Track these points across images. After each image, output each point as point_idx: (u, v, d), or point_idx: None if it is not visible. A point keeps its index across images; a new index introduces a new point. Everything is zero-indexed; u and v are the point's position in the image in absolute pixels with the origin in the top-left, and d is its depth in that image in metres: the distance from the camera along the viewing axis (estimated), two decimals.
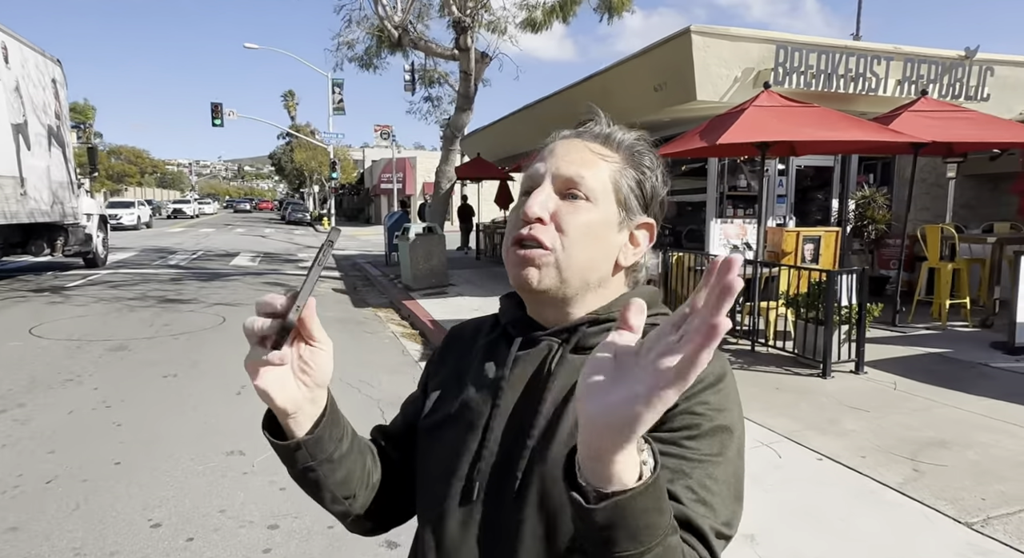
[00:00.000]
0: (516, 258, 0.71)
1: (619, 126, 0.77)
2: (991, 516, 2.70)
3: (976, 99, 8.15)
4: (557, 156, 0.73)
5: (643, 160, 0.75)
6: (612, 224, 0.72)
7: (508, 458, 0.70)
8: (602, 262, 0.73)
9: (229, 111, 28.01)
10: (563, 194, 0.71)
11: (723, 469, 0.64)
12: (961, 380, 4.65)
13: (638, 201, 0.74)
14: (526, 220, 0.70)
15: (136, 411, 4.21)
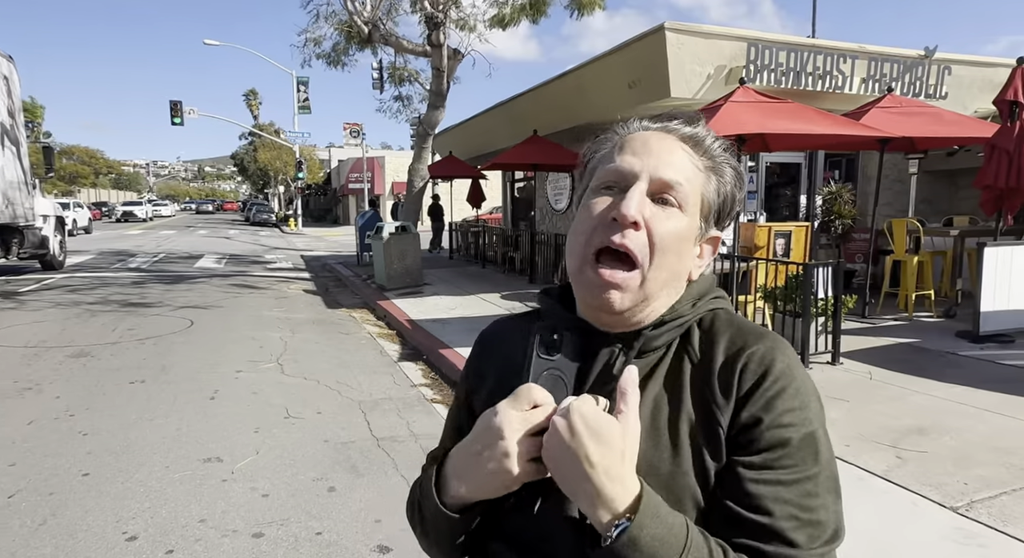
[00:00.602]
0: (598, 278, 0.64)
1: (706, 128, 0.71)
2: (974, 500, 2.76)
3: (935, 97, 8.44)
4: (654, 154, 0.66)
5: (726, 170, 0.70)
6: (693, 236, 0.68)
7: None
8: (680, 276, 0.69)
9: (189, 109, 27.19)
10: (655, 198, 0.65)
11: (822, 478, 0.64)
12: (931, 369, 4.78)
13: (717, 212, 0.70)
14: (623, 223, 0.63)
15: (103, 419, 4.01)
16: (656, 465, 0.63)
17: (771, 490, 0.61)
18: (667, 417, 0.65)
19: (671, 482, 0.62)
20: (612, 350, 0.68)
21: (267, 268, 13.65)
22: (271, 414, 4.16)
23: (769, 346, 0.65)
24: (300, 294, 9.74)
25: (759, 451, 0.61)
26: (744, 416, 0.62)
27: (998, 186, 5.40)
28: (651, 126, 0.70)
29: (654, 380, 0.67)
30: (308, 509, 2.89)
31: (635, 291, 0.65)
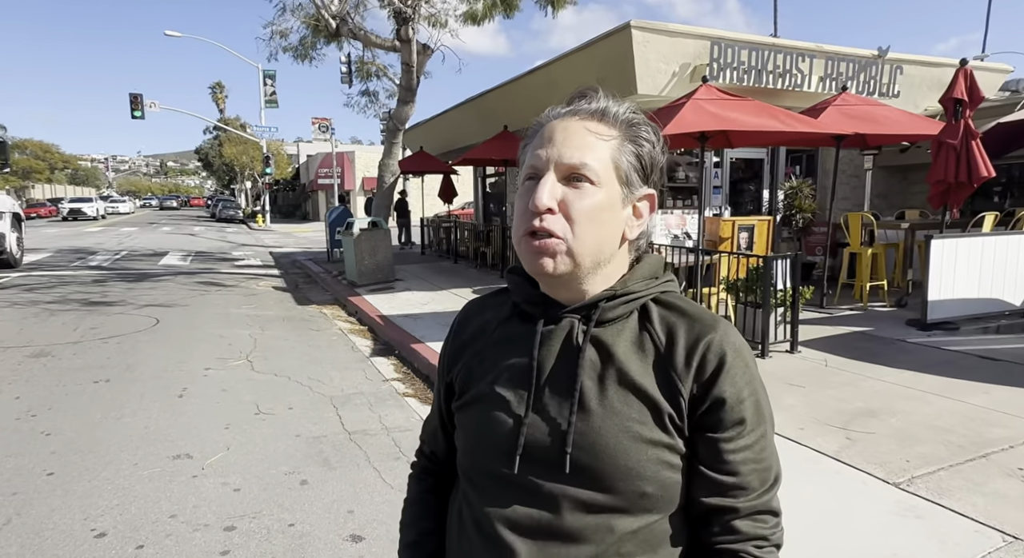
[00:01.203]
0: (531, 248, 0.72)
1: (613, 98, 0.77)
2: (915, 476, 2.95)
3: (888, 95, 8.77)
4: (557, 143, 0.72)
5: (640, 132, 0.76)
6: (616, 202, 0.74)
7: (553, 432, 0.73)
8: (611, 239, 0.75)
9: (150, 103, 26.42)
10: (567, 180, 0.72)
11: (768, 434, 0.75)
12: (882, 355, 5.02)
13: (638, 174, 0.76)
14: (536, 211, 0.71)
15: (67, 419, 3.95)
16: (629, 418, 0.71)
17: (739, 456, 0.72)
18: (635, 378, 0.73)
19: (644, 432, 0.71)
20: (573, 321, 0.76)
21: (235, 265, 13.42)
22: (241, 411, 4.16)
23: (722, 334, 0.74)
24: (269, 291, 9.63)
25: (727, 427, 0.72)
26: (710, 397, 0.72)
27: (947, 181, 5.67)
28: (562, 112, 0.76)
29: (621, 346, 0.75)
30: (280, 502, 2.92)
31: (565, 256, 0.72)
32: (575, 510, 0.71)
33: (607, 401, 0.72)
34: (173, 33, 28.30)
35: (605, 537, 0.71)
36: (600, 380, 0.73)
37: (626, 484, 0.70)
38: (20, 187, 49.94)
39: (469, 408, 0.80)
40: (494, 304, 0.86)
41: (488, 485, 0.76)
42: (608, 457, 0.70)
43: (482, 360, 0.80)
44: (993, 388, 4.13)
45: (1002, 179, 9.82)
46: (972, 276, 5.90)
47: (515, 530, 0.73)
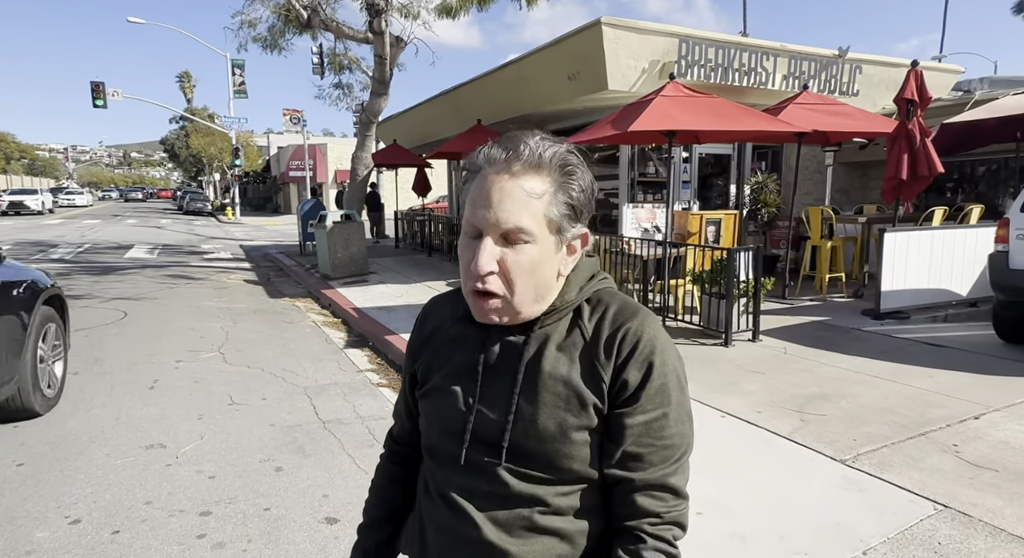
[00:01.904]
0: (477, 304, 0.83)
1: (544, 140, 0.82)
2: (860, 453, 3.15)
3: (848, 94, 9.08)
4: (494, 205, 0.78)
5: (572, 179, 0.81)
6: (550, 251, 0.81)
7: (496, 421, 0.83)
8: (547, 281, 0.83)
9: (113, 91, 25.64)
10: (504, 239, 0.79)
11: (672, 414, 0.83)
12: (838, 343, 5.27)
13: (570, 220, 0.82)
14: (479, 275, 0.79)
15: None
16: (557, 406, 0.82)
17: (637, 429, 0.81)
18: (562, 370, 0.83)
19: (571, 418, 0.82)
20: (515, 338, 0.86)
21: (204, 258, 13.22)
22: (214, 401, 4.18)
23: (640, 321, 0.83)
24: (240, 284, 9.55)
25: (630, 404, 0.81)
26: (622, 378, 0.81)
27: (899, 177, 5.95)
28: (497, 159, 0.80)
29: (552, 343, 0.85)
30: (256, 488, 2.98)
31: (507, 307, 0.82)
32: (516, 483, 0.82)
33: (540, 395, 0.82)
34: (137, 20, 27.50)
35: (543, 503, 0.82)
36: (535, 376, 0.83)
37: (557, 462, 0.81)
38: None
39: (429, 397, 0.91)
40: (451, 303, 0.96)
41: (446, 462, 0.87)
42: (541, 442, 0.81)
43: (439, 355, 0.91)
44: (937, 372, 4.39)
45: (954, 175, 10.27)
46: (923, 268, 6.20)
47: (470, 499, 0.84)
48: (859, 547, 2.35)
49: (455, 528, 0.85)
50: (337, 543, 2.51)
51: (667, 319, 6.11)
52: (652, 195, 9.33)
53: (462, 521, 0.84)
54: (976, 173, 10.41)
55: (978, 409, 3.69)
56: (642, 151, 9.33)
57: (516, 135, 0.82)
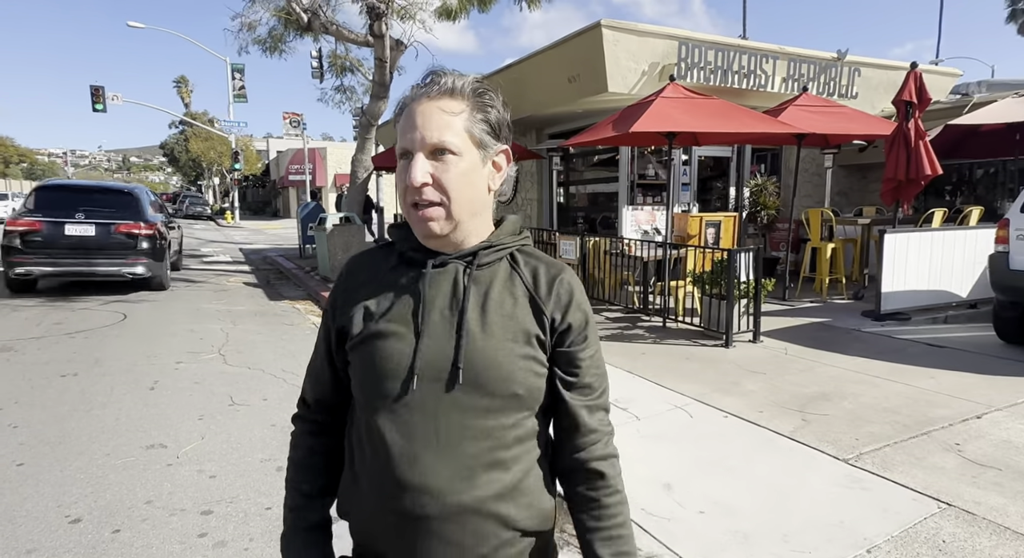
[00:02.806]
0: (417, 217, 0.89)
1: (457, 74, 0.91)
2: (863, 452, 3.14)
3: (847, 96, 9.11)
4: (419, 126, 0.86)
5: (485, 100, 0.90)
6: (477, 164, 0.89)
7: (444, 353, 0.87)
8: (479, 194, 0.91)
9: (113, 95, 25.65)
10: (433, 154, 0.87)
11: (600, 346, 0.99)
12: (838, 343, 5.27)
13: (491, 136, 0.91)
14: (413, 187, 0.86)
15: (34, 412, 3.91)
16: (507, 338, 0.90)
17: (586, 362, 0.94)
18: (508, 308, 0.91)
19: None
20: (458, 266, 0.93)
21: (204, 262, 13.21)
22: (215, 402, 4.17)
23: (570, 275, 0.97)
24: (240, 287, 9.54)
25: (578, 342, 0.94)
26: (567, 321, 0.93)
27: (897, 178, 5.96)
28: (419, 93, 0.89)
29: (497, 284, 0.93)
30: (257, 487, 2.97)
31: (444, 218, 0.88)
32: (464, 416, 0.86)
33: (487, 327, 0.89)
34: (136, 24, 27.54)
35: (490, 434, 0.88)
36: (481, 310, 0.90)
37: (503, 388, 0.87)
38: None
39: (366, 344, 0.90)
40: (380, 256, 0.99)
41: (387, 407, 0.88)
42: (490, 368, 0.87)
43: (377, 302, 0.92)
44: (938, 373, 4.39)
45: (953, 178, 10.29)
46: (923, 269, 6.21)
47: (415, 441, 0.86)
48: (863, 545, 2.34)
49: (401, 477, 0.86)
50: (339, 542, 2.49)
51: (668, 321, 6.11)
52: (652, 197, 9.34)
53: (408, 467, 0.86)
54: (975, 176, 10.44)
55: (980, 409, 3.68)
56: (641, 153, 9.35)
57: (436, 69, 0.93)
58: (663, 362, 4.86)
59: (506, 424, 0.89)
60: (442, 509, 0.85)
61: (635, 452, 3.24)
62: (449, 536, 0.86)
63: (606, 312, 6.81)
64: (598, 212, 10.51)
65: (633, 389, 4.25)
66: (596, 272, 7.16)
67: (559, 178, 10.92)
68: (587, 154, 10.68)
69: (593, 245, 7.14)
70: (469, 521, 0.86)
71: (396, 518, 0.87)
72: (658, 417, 3.74)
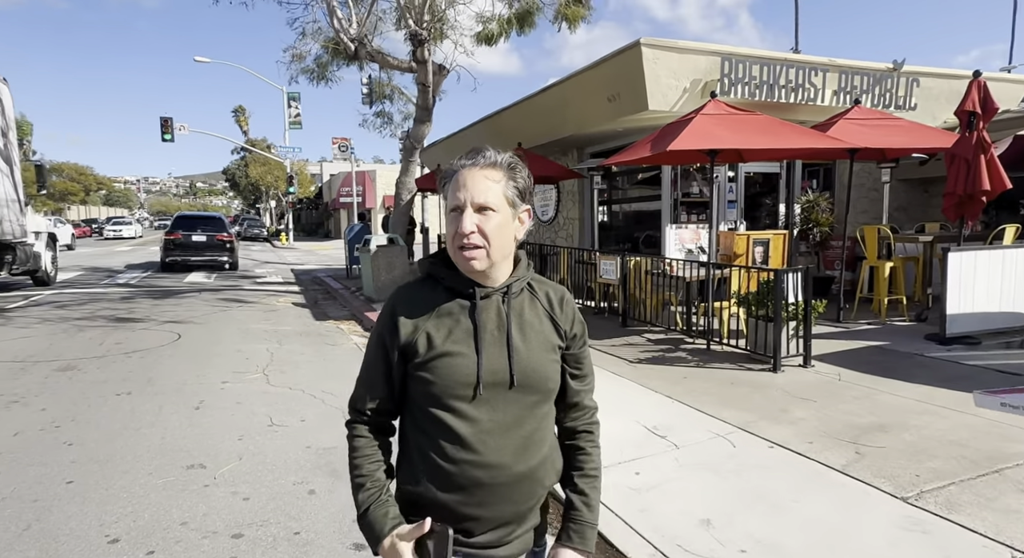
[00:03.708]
0: (463, 257, 1.15)
1: (497, 152, 1.18)
2: (924, 490, 2.89)
3: (905, 108, 8.69)
4: (469, 188, 1.13)
5: (516, 173, 1.18)
6: (509, 219, 1.17)
7: (499, 366, 1.15)
8: (509, 241, 1.19)
9: (180, 125, 27.32)
10: (479, 210, 1.13)
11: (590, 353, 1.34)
12: (899, 369, 4.94)
13: (519, 198, 1.19)
14: (463, 234, 1.12)
15: (88, 430, 4.08)
16: (542, 349, 1.20)
17: (586, 360, 1.30)
18: (538, 326, 1.22)
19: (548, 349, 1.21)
20: (498, 297, 1.21)
21: (256, 282, 13.71)
22: (255, 422, 4.25)
23: (569, 295, 1.30)
24: (289, 307, 9.82)
25: (580, 346, 1.28)
26: (573, 330, 1.26)
27: (957, 193, 5.60)
28: (467, 163, 1.16)
29: (526, 309, 1.22)
30: (288, 511, 2.98)
31: (485, 257, 1.14)
32: (518, 407, 1.16)
33: (528, 343, 1.19)
34: (203, 59, 29.32)
35: (535, 417, 1.19)
36: (520, 329, 1.19)
37: (544, 384, 1.19)
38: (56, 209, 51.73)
39: (436, 361, 1.14)
40: (427, 289, 1.22)
41: (456, 407, 1.13)
42: (535, 371, 1.18)
43: (438, 328, 1.17)
44: None
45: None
46: (993, 289, 5.78)
47: (482, 430, 1.13)
48: None
49: (476, 456, 1.12)
50: None
51: (712, 343, 5.89)
52: (696, 215, 9.12)
53: (481, 448, 1.12)
54: None
55: None
56: (686, 171, 9.17)
57: (478, 147, 1.19)
58: (705, 387, 4.66)
59: (542, 412, 1.21)
60: (508, 478, 1.15)
61: (672, 483, 3.09)
62: (510, 496, 1.16)
63: (647, 334, 6.63)
64: (641, 231, 10.34)
65: (672, 415, 4.09)
66: (637, 292, 7.00)
67: (600, 197, 10.82)
68: (630, 172, 10.56)
69: (634, 265, 7.00)
70: (524, 485, 1.17)
71: (471, 485, 1.13)
72: (698, 446, 3.57)
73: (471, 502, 1.14)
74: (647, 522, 2.75)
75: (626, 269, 7.05)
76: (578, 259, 8.73)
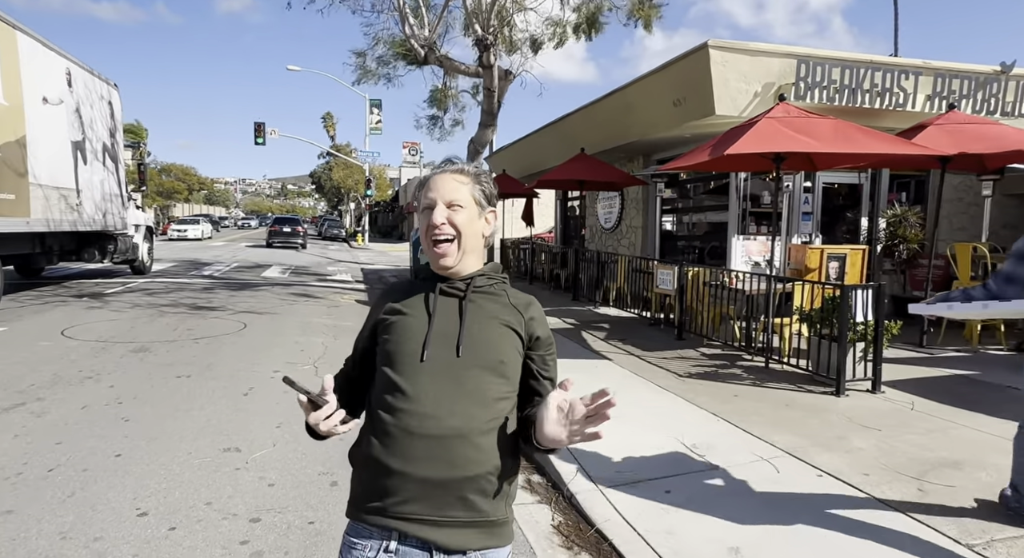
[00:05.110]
0: (435, 252, 1.25)
1: (464, 162, 1.33)
2: (995, 538, 2.54)
3: (1013, 115, 7.87)
4: (439, 188, 1.26)
5: (482, 179, 1.31)
6: (476, 216, 1.28)
7: (450, 331, 1.22)
8: (477, 237, 1.29)
9: (271, 130, 29.06)
10: (448, 206, 1.25)
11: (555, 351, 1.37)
12: (986, 402, 4.41)
13: (485, 200, 1.30)
14: (435, 225, 1.24)
15: (145, 408, 4.35)
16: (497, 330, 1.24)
17: (550, 360, 1.32)
18: (498, 313, 1.26)
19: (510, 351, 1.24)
20: (461, 288, 1.28)
21: (326, 279, 14.28)
22: (296, 412, 4.35)
23: (535, 301, 1.34)
24: (352, 304, 10.14)
25: (545, 349, 1.31)
26: (537, 333, 1.29)
27: None
28: (436, 171, 1.30)
29: (492, 300, 1.28)
30: (308, 500, 3.03)
31: (456, 250, 1.25)
32: (465, 374, 1.18)
33: (482, 320, 1.24)
34: (294, 68, 31.12)
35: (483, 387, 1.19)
36: (478, 310, 1.25)
37: (494, 357, 1.21)
38: (163, 206, 56.42)
39: (393, 323, 1.24)
40: (409, 285, 1.33)
41: (403, 364, 1.19)
42: (485, 342, 1.22)
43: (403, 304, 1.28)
44: None
45: None
46: None
47: (423, 384, 1.17)
48: None
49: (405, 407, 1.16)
50: None
51: (771, 361, 5.51)
52: (766, 227, 8.63)
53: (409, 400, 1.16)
54: None
55: None
56: (763, 179, 8.70)
57: (446, 159, 1.35)
58: (757, 407, 4.35)
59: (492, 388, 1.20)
60: (439, 429, 1.15)
61: (703, 505, 2.88)
62: (439, 452, 1.15)
63: (703, 348, 6.31)
64: (707, 241, 9.92)
65: (715, 434, 3.84)
66: (695, 304, 6.69)
67: (665, 205, 10.48)
68: (697, 180, 10.17)
69: (692, 275, 6.69)
70: (456, 443, 1.16)
71: (400, 433, 1.15)
72: (738, 468, 3.32)
73: (397, 452, 1.14)
74: (670, 545, 2.57)
75: (684, 279, 6.76)
76: (636, 267, 8.48)
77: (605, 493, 3.03)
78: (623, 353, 6.14)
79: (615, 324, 7.82)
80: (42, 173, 9.04)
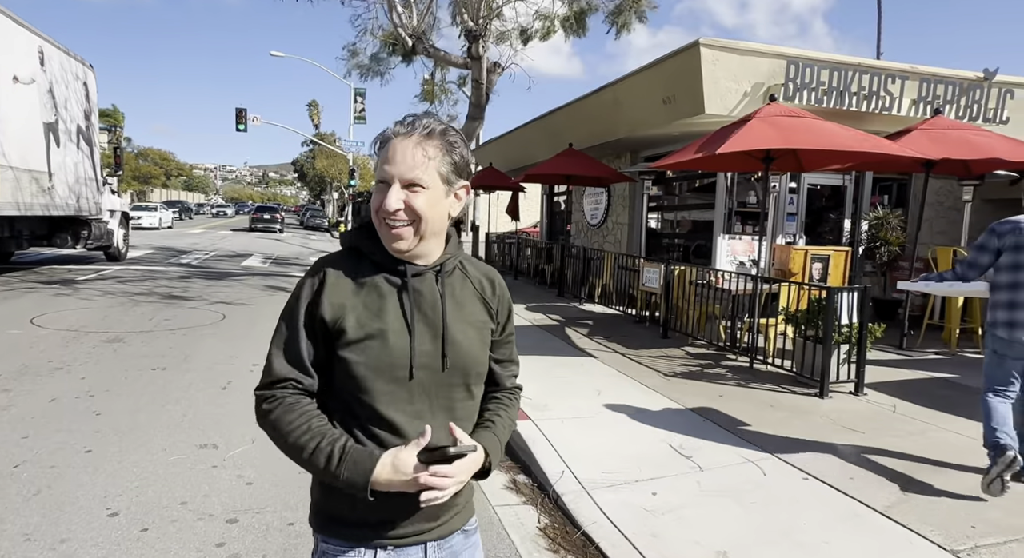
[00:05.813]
0: (389, 234, 1.07)
1: (434, 119, 1.09)
2: (979, 544, 2.55)
3: (994, 121, 7.97)
4: (397, 162, 1.04)
5: (455, 146, 1.09)
6: (440, 196, 1.09)
7: (433, 347, 1.09)
8: (440, 219, 1.11)
9: (253, 117, 28.40)
10: (407, 186, 1.05)
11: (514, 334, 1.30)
12: (965, 406, 4.46)
13: (455, 173, 1.10)
14: (387, 212, 1.04)
15: (118, 401, 4.20)
16: (475, 332, 1.14)
17: (512, 344, 1.27)
18: (470, 308, 1.16)
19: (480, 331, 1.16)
20: (431, 275, 1.13)
21: (306, 269, 14.05)
22: None
23: (500, 276, 1.26)
24: None
25: (509, 333, 1.25)
26: (503, 314, 1.22)
27: None
28: (400, 131, 1.06)
29: (458, 289, 1.16)
30: (287, 500, 2.94)
31: (412, 236, 1.07)
32: (450, 390, 1.11)
33: (460, 323, 1.13)
34: (277, 53, 30.52)
35: (468, 401, 1.15)
36: (454, 311, 1.12)
37: (476, 367, 1.14)
38: (139, 191, 55.16)
39: (367, 342, 1.05)
40: (352, 262, 1.12)
41: (385, 391, 1.05)
42: (467, 354, 1.12)
43: (367, 307, 1.07)
44: None
45: None
46: None
47: (415, 414, 1.07)
48: None
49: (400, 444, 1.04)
50: None
51: (755, 362, 5.53)
52: (752, 227, 8.66)
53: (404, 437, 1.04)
54: None
55: None
56: (747, 179, 8.73)
57: (415, 115, 1.10)
58: (741, 407, 4.35)
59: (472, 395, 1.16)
60: None
61: (690, 508, 2.86)
62: None
63: (688, 347, 6.32)
64: (692, 240, 9.94)
65: (702, 435, 3.82)
66: (681, 303, 6.69)
67: (651, 203, 10.48)
68: (684, 178, 10.19)
69: (679, 274, 6.69)
70: None
71: None
72: (724, 470, 3.31)
73: None
74: (656, 548, 2.54)
75: (670, 278, 6.76)
76: (622, 264, 8.46)
77: (592, 495, 2.99)
78: (608, 351, 6.12)
79: (600, 321, 7.80)
80: (12, 154, 8.72)
